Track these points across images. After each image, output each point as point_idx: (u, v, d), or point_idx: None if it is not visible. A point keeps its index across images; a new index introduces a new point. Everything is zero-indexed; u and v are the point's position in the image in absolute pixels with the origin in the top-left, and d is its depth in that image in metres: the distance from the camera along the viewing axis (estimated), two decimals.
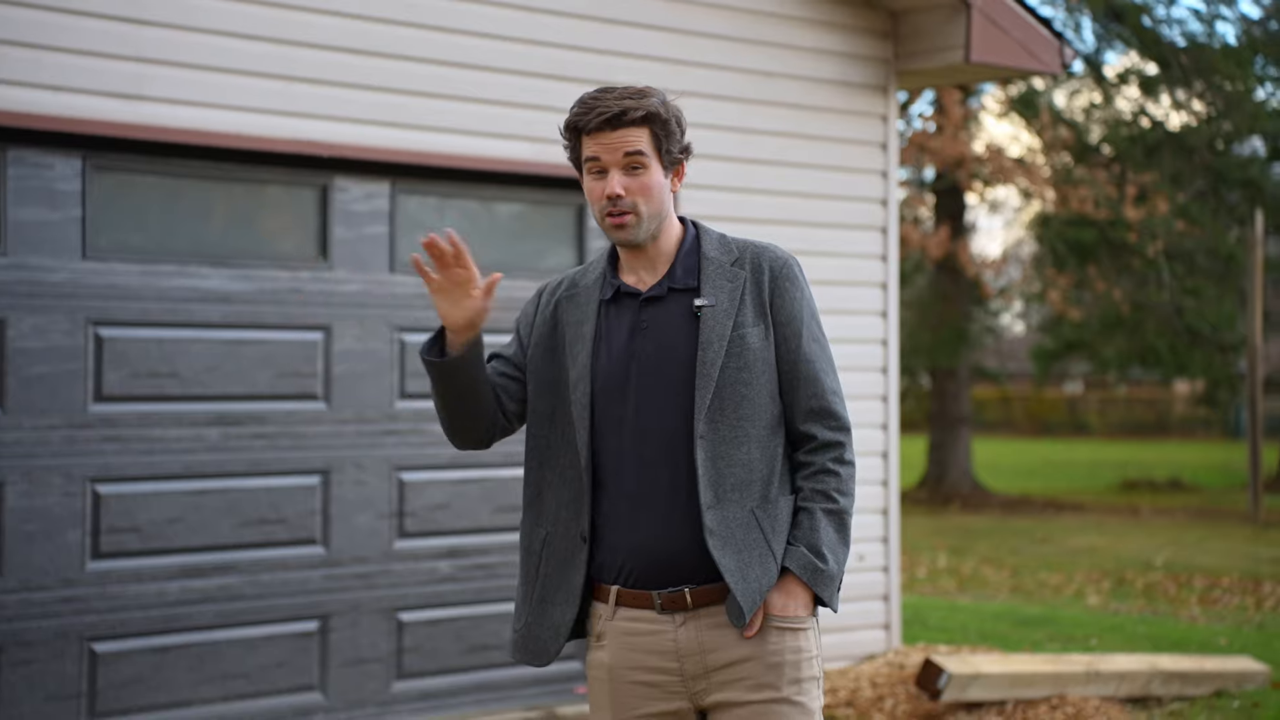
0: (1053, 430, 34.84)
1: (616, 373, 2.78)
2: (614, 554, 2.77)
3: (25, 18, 4.80)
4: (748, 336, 2.76)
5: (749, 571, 2.71)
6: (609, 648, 2.80)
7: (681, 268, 2.81)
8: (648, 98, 2.76)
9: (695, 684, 2.76)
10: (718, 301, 2.77)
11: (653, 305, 2.81)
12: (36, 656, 4.91)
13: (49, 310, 4.95)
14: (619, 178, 2.74)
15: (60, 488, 4.96)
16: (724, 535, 2.70)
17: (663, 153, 2.77)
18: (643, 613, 2.76)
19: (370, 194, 5.65)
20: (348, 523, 5.56)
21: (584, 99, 2.77)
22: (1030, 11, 6.48)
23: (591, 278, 2.89)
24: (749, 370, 2.75)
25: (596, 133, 2.73)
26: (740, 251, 2.83)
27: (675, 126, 2.79)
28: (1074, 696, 6.11)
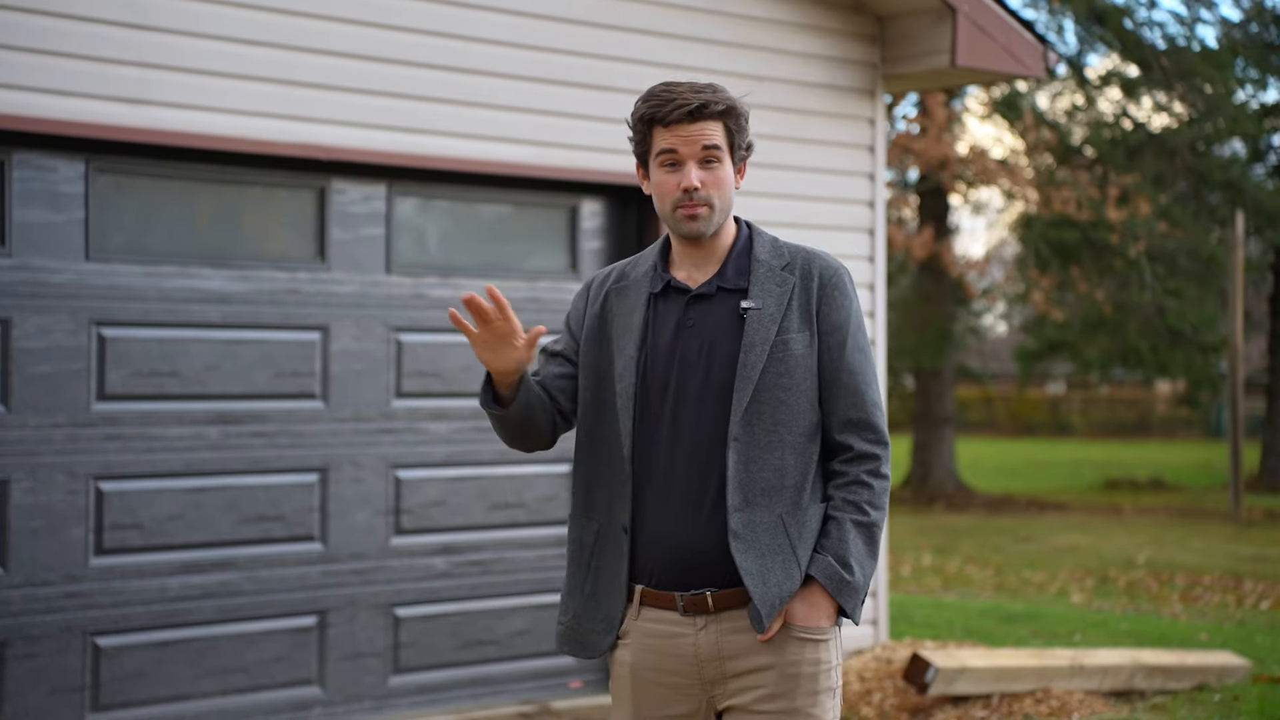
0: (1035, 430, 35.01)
1: (660, 367, 2.77)
2: (647, 552, 2.77)
3: (30, 23, 4.88)
4: (791, 342, 2.74)
5: (770, 576, 2.70)
6: (631, 646, 2.80)
7: (733, 268, 2.80)
8: (722, 91, 2.76)
9: (713, 688, 2.76)
10: (764, 305, 2.75)
11: (700, 303, 2.80)
12: (41, 650, 4.99)
13: (53, 310, 5.03)
14: (695, 170, 2.73)
15: (64, 485, 5.04)
16: (748, 539, 2.70)
17: (734, 148, 2.77)
18: (665, 614, 2.77)
19: (367, 196, 5.73)
20: (345, 520, 5.64)
21: (656, 92, 2.76)
22: (1014, 16, 6.59)
23: (641, 270, 2.88)
24: (789, 376, 2.73)
25: (675, 125, 2.72)
26: (791, 256, 2.81)
27: (745, 123, 2.80)
28: (1058, 690, 6.22)
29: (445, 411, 5.87)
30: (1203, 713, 6.21)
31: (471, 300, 2.67)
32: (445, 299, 5.88)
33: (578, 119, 6.04)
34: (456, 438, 5.90)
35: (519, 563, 6.05)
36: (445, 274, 5.92)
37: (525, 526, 6.07)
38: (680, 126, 2.72)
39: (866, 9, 6.70)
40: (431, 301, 5.85)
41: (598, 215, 6.26)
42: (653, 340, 2.79)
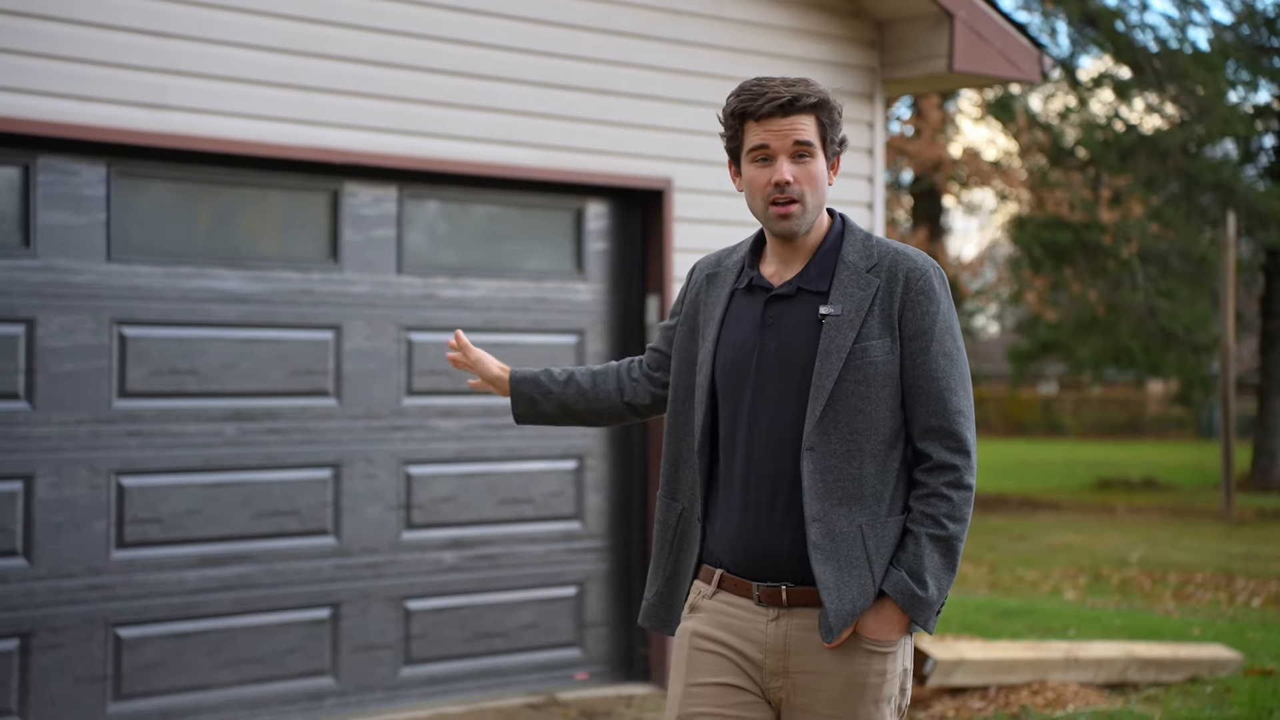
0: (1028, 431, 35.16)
1: (738, 364, 2.75)
2: (720, 541, 2.78)
3: (54, 31, 5.00)
4: (871, 349, 2.68)
5: (846, 590, 2.66)
6: (699, 618, 2.80)
7: (816, 268, 2.75)
8: (814, 85, 2.72)
9: (772, 679, 2.74)
10: (843, 311, 2.69)
11: (779, 303, 2.75)
12: (65, 641, 5.12)
13: (76, 310, 5.17)
14: (787, 165, 2.69)
15: (87, 480, 5.17)
16: (827, 550, 2.66)
17: (827, 142, 2.73)
18: (742, 600, 2.76)
19: (379, 198, 5.87)
20: (358, 515, 5.78)
21: (749, 87, 2.72)
22: (1011, 22, 6.73)
23: (734, 259, 2.86)
24: (868, 384, 2.67)
25: (767, 119, 2.68)
26: (880, 257, 2.73)
27: (838, 117, 2.75)
28: (1054, 682, 6.36)
29: (455, 409, 6.01)
30: (1195, 704, 6.34)
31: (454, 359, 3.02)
32: (455, 299, 6.01)
33: (582, 123, 6.17)
34: (466, 434, 6.03)
35: (527, 557, 6.18)
36: (455, 274, 6.05)
37: (533, 521, 6.20)
38: (772, 120, 2.68)
39: (865, 15, 6.84)
40: (441, 301, 5.99)
41: (603, 217, 6.40)
42: (732, 335, 2.77)
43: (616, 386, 3.00)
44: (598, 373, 3.02)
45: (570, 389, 3.00)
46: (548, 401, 3.00)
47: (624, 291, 6.43)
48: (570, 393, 3.00)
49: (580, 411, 3.01)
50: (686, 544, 2.83)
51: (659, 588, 2.87)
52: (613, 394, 2.99)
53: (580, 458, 6.33)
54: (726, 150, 2.79)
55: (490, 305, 6.11)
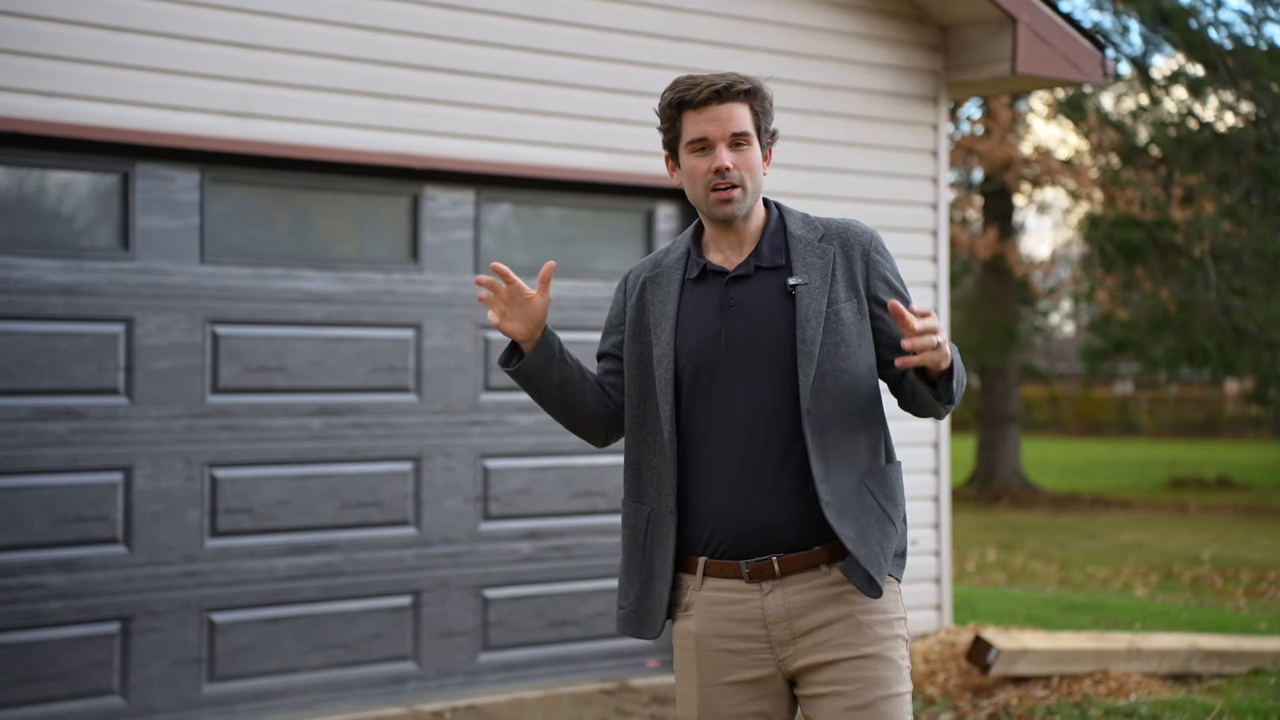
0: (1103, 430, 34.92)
1: (704, 350, 2.81)
2: (702, 527, 2.81)
3: (149, 45, 5.27)
4: (842, 312, 2.79)
5: (869, 536, 2.75)
6: (696, 617, 2.83)
7: (768, 247, 2.84)
8: (746, 75, 2.83)
9: (783, 650, 2.79)
10: (811, 279, 2.79)
11: (740, 283, 2.83)
12: (163, 625, 5.39)
13: (171, 310, 5.44)
14: (726, 153, 2.77)
15: (182, 472, 5.44)
16: (839, 505, 2.74)
17: (761, 131, 2.82)
18: (730, 582, 2.80)
19: (457, 202, 6.10)
20: (437, 506, 6.01)
21: (682, 80, 2.82)
22: (1074, 25, 6.85)
23: (674, 257, 2.92)
24: (845, 345, 2.78)
25: (703, 107, 2.77)
26: (825, 228, 2.86)
27: (770, 106, 2.85)
28: (1117, 672, 6.47)
29: (530, 405, 6.22)
30: (1258, 695, 6.42)
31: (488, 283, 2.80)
32: None
33: (652, 127, 6.34)
34: (541, 429, 6.25)
35: (599, 548, 6.39)
36: (530, 275, 6.26)
37: (605, 513, 6.41)
38: (708, 109, 2.77)
39: (930, 19, 6.99)
40: None
41: (672, 218, 6.60)
42: (693, 324, 2.83)
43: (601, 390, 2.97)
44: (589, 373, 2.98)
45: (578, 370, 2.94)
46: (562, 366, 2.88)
47: None
48: (577, 374, 2.93)
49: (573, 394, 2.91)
50: (659, 543, 2.85)
51: (635, 593, 2.88)
52: (599, 395, 2.96)
53: None
54: (664, 145, 2.88)
55: (564, 304, 6.32)
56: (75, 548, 5.24)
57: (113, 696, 5.31)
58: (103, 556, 5.29)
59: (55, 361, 5.21)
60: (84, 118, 5.12)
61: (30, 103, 5.03)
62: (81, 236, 5.32)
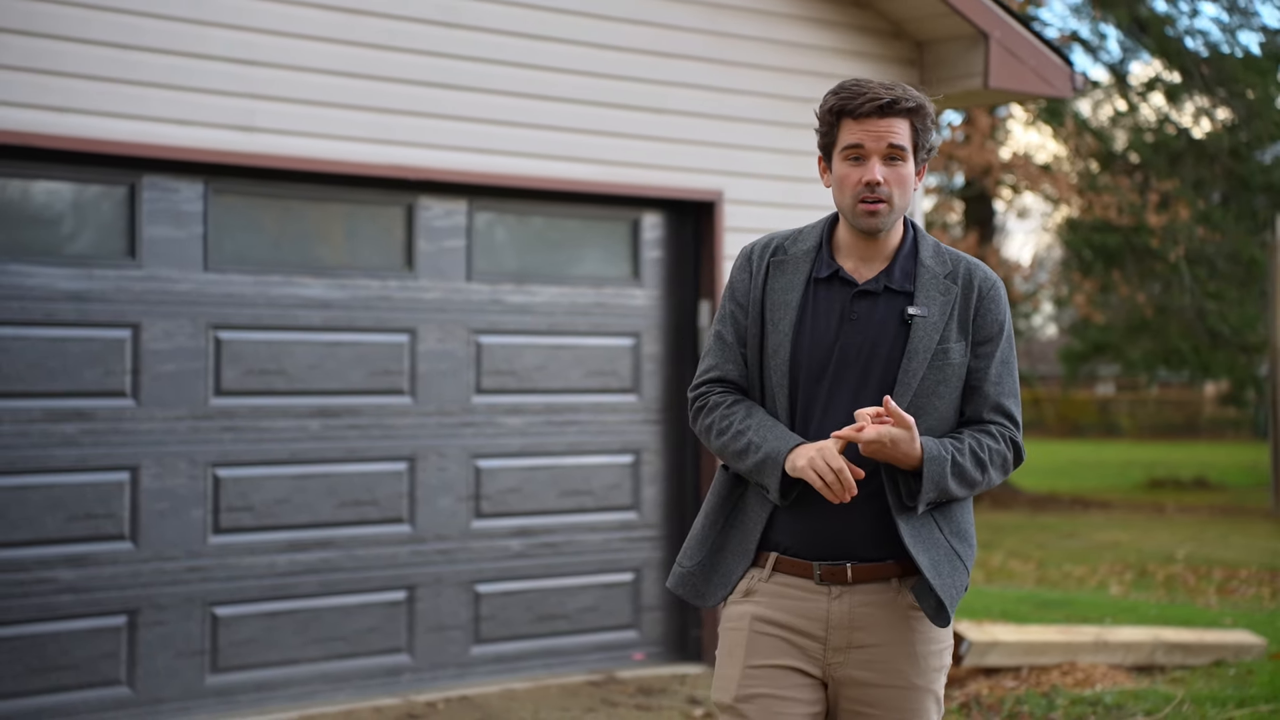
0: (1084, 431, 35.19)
1: (819, 354, 2.81)
2: (787, 522, 2.82)
3: (156, 61, 5.50)
4: (950, 351, 2.80)
5: (941, 569, 2.76)
6: (758, 602, 2.84)
7: (900, 269, 2.83)
8: (911, 90, 2.79)
9: (834, 655, 2.80)
10: (930, 313, 2.79)
11: (865, 299, 2.82)
12: (168, 619, 5.62)
13: (176, 316, 5.66)
14: (879, 166, 2.75)
15: (186, 471, 5.67)
16: (914, 535, 2.76)
17: (918, 147, 2.79)
18: (800, 580, 2.81)
19: (450, 211, 6.33)
20: (431, 504, 6.24)
21: (848, 86, 2.79)
22: (1044, 41, 7.10)
23: (802, 249, 2.89)
24: (945, 383, 2.80)
25: (864, 119, 2.74)
26: (954, 264, 2.85)
27: (932, 124, 2.81)
28: (1084, 664, 6.72)
29: (520, 407, 6.46)
30: (1218, 685, 6.66)
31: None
32: (520, 304, 6.47)
33: (639, 140, 6.61)
34: (530, 430, 6.48)
35: (587, 545, 6.63)
36: (520, 281, 6.51)
37: (593, 511, 6.65)
38: (869, 120, 2.73)
39: (906, 35, 7.24)
40: (507, 306, 6.44)
41: (658, 227, 6.84)
42: (812, 325, 2.83)
43: None
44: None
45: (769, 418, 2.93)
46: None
47: (678, 296, 6.86)
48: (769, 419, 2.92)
49: None
50: (745, 524, 2.86)
51: (702, 559, 2.89)
52: None
53: (637, 452, 6.77)
54: (819, 146, 2.85)
55: (553, 310, 6.56)
56: (85, 544, 5.46)
57: (120, 687, 5.54)
58: (111, 552, 5.52)
59: (66, 365, 5.43)
60: (94, 132, 5.35)
61: (44, 118, 5.25)
62: (91, 245, 5.55)
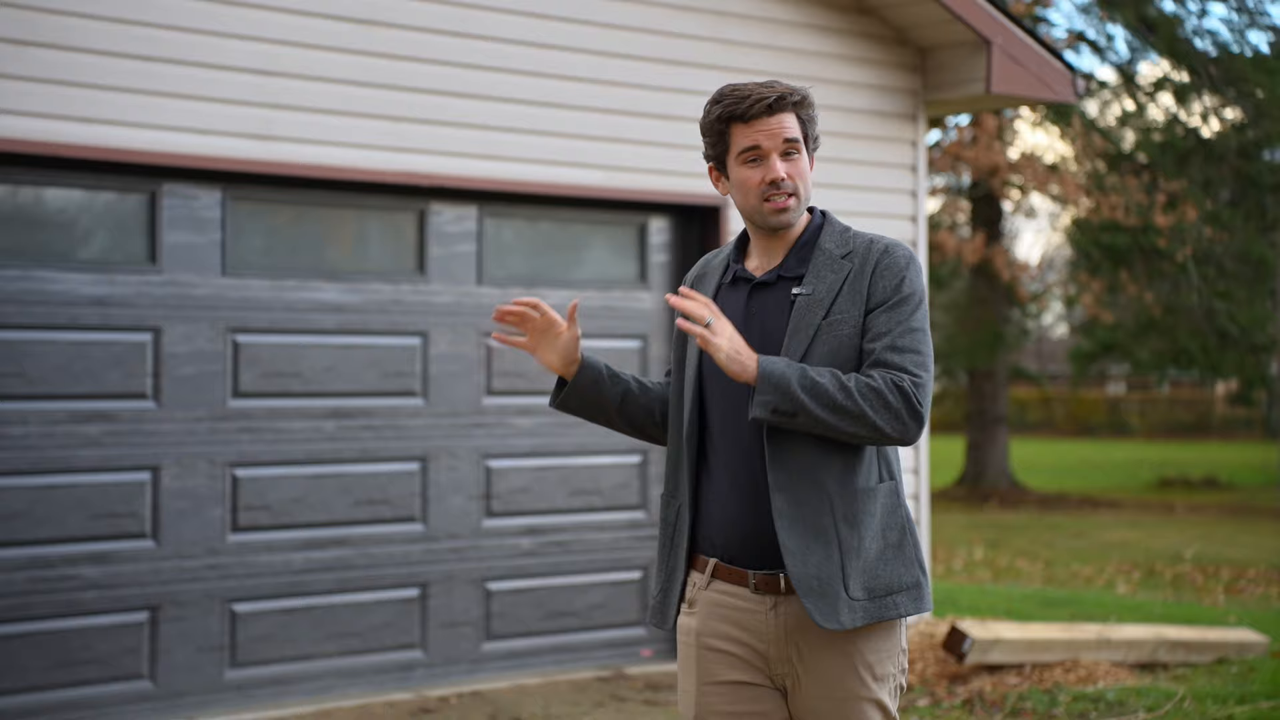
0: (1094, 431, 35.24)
1: None
2: (713, 529, 2.81)
3: (175, 72, 5.64)
4: (840, 323, 2.73)
5: (810, 555, 2.68)
6: (699, 615, 2.82)
7: (795, 257, 2.82)
8: (791, 84, 2.80)
9: (778, 666, 2.77)
10: (815, 290, 2.75)
11: (761, 291, 2.82)
12: (188, 614, 5.76)
13: (195, 320, 5.80)
14: (779, 163, 2.75)
15: (205, 471, 5.81)
16: (791, 516, 2.69)
17: (809, 138, 2.81)
18: (737, 589, 2.78)
19: (461, 217, 6.47)
20: (443, 503, 6.37)
21: (729, 93, 2.78)
22: (1045, 47, 7.22)
23: (719, 259, 2.94)
24: (834, 358, 2.71)
25: (754, 120, 2.74)
26: (855, 245, 2.80)
27: (814, 114, 2.83)
28: (1086, 661, 6.82)
29: (530, 408, 6.59)
30: (1220, 682, 6.76)
31: (505, 313, 2.82)
32: None
33: (646, 146, 6.74)
34: (540, 431, 6.62)
35: (596, 543, 6.76)
36: (529, 285, 6.64)
37: (601, 511, 6.78)
38: (760, 121, 2.74)
39: (908, 42, 7.36)
40: None
41: (664, 231, 6.97)
42: None
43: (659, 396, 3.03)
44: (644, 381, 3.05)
45: (629, 383, 3.01)
46: (614, 383, 2.96)
47: None
48: (635, 387, 3.01)
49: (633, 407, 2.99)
50: (681, 538, 2.86)
51: (662, 584, 2.91)
52: (665, 400, 3.01)
53: (644, 453, 6.89)
54: (708, 157, 2.84)
55: (561, 312, 6.68)
56: (107, 542, 5.61)
57: (142, 680, 5.68)
58: (133, 550, 5.66)
59: (89, 368, 5.58)
60: (116, 141, 5.49)
61: (69, 128, 5.40)
62: (113, 251, 5.69)
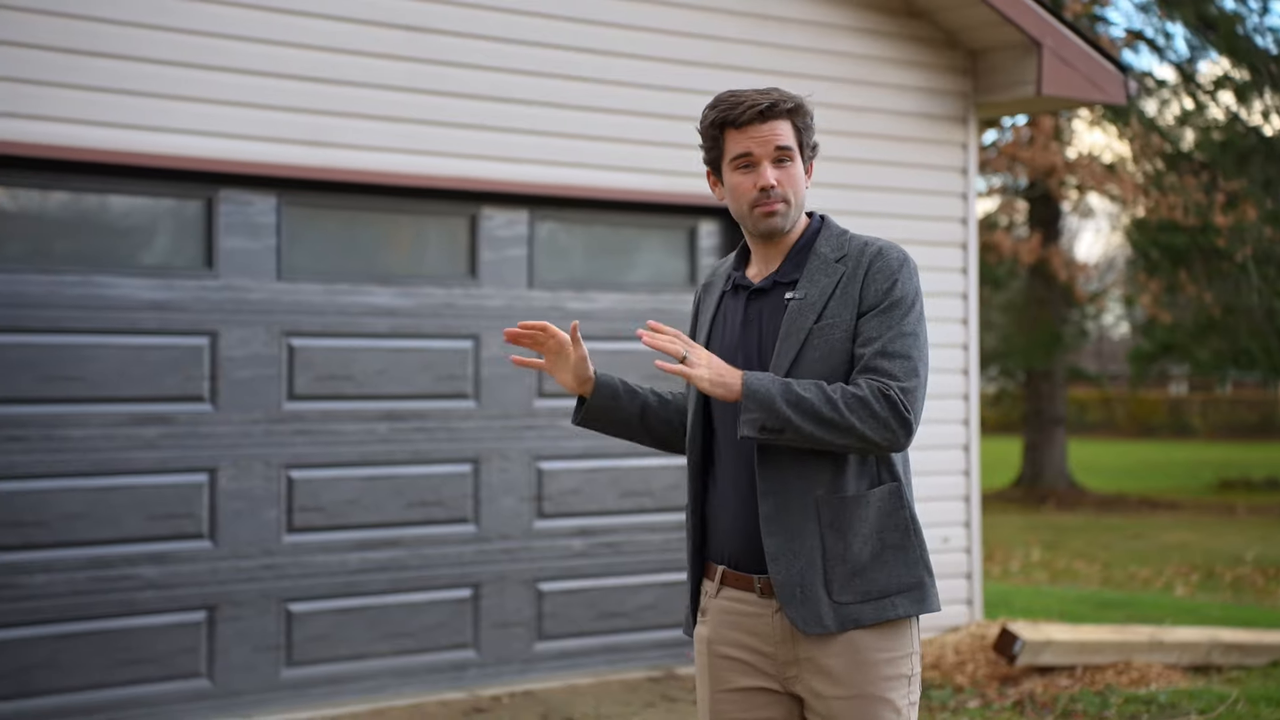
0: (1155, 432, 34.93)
1: (725, 360, 2.81)
2: (720, 537, 2.83)
3: (233, 81, 5.74)
4: (829, 328, 2.73)
5: (794, 561, 2.69)
6: (710, 623, 2.84)
7: (791, 262, 2.83)
8: (787, 92, 2.81)
9: (786, 669, 2.78)
10: (807, 294, 2.76)
11: (759, 298, 2.84)
12: (244, 614, 5.86)
13: (251, 324, 5.91)
14: (770, 170, 2.76)
15: (261, 473, 5.91)
16: (777, 521, 2.70)
17: (803, 146, 2.82)
18: (744, 594, 2.79)
19: (512, 221, 6.54)
20: (495, 505, 6.45)
21: (725, 98, 2.80)
22: (1096, 48, 7.20)
23: (725, 267, 2.96)
24: (825, 362, 2.71)
25: (747, 126, 2.76)
26: (850, 249, 2.80)
27: (811, 121, 2.84)
28: (1139, 663, 6.80)
29: None
30: (1274, 685, 6.71)
31: (514, 335, 2.83)
32: (580, 310, 6.66)
33: (696, 150, 6.74)
34: (591, 433, 6.65)
35: (647, 544, 6.81)
36: (580, 288, 6.70)
37: (652, 512, 6.83)
38: (752, 127, 2.76)
39: (959, 44, 7.36)
40: (568, 313, 6.64)
41: (714, 234, 7.01)
42: (720, 337, 2.87)
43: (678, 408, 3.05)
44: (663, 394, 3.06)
45: (647, 397, 3.03)
46: (632, 398, 2.99)
47: None
48: (654, 400, 3.03)
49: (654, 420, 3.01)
50: (694, 542, 2.89)
51: (690, 594, 2.94)
52: (684, 411, 3.03)
53: None
54: (706, 162, 2.88)
55: (612, 315, 6.75)
56: (165, 542, 5.72)
57: (200, 679, 5.79)
58: (190, 551, 5.77)
59: (147, 372, 5.69)
60: (174, 149, 5.60)
61: (129, 136, 5.51)
62: (170, 257, 5.80)
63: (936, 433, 7.14)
